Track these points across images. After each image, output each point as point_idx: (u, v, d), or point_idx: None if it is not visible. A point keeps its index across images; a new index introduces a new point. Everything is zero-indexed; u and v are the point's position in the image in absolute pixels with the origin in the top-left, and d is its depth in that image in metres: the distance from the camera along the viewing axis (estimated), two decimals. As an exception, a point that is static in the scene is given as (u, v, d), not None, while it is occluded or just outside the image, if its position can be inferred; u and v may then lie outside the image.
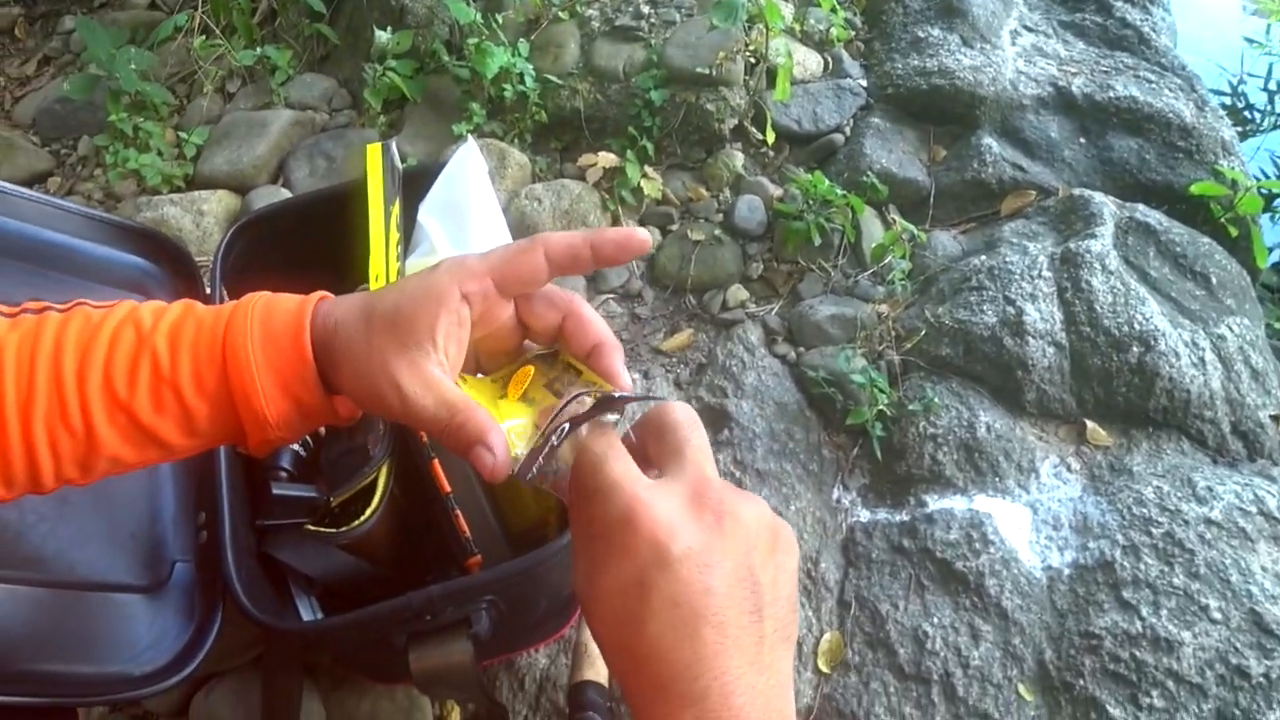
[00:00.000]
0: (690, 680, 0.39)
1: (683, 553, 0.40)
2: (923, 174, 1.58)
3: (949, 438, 1.21)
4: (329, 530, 0.89)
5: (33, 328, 0.52)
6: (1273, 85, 2.39)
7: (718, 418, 1.27)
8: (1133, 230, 1.42)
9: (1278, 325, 1.56)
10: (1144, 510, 1.13)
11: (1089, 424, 1.25)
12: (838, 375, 1.27)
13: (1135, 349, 1.24)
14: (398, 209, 1.00)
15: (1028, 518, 1.16)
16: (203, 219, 1.53)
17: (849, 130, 1.65)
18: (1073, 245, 1.35)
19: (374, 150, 1.01)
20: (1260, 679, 0.99)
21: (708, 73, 1.53)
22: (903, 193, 1.55)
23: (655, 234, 1.53)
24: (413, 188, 1.03)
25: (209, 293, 1.03)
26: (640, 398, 0.49)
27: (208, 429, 0.53)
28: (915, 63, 1.67)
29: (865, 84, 1.71)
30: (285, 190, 1.61)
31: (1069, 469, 1.21)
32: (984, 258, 1.39)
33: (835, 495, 1.22)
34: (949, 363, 1.30)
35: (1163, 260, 1.40)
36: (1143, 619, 1.04)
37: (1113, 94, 1.61)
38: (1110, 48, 1.76)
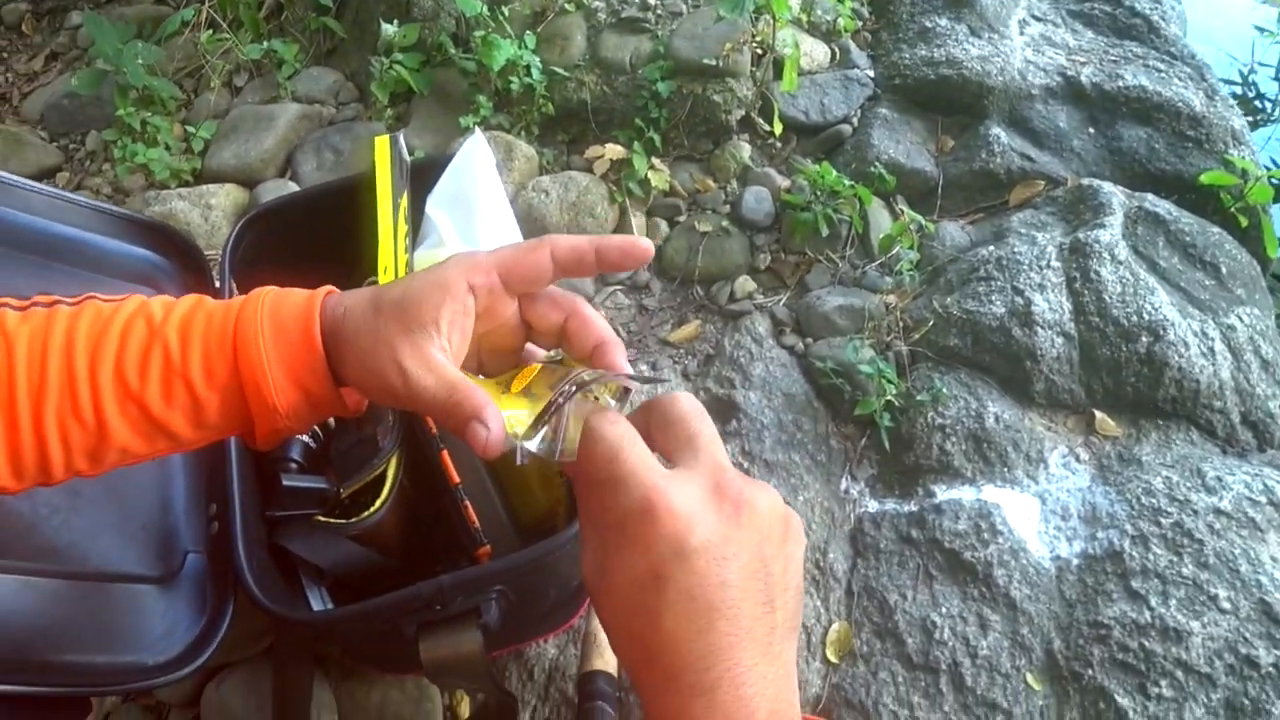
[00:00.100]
0: (702, 671, 0.39)
1: (700, 545, 0.40)
2: (930, 164, 1.57)
3: (957, 428, 1.21)
4: (339, 521, 0.90)
5: (43, 321, 0.53)
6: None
7: (726, 408, 1.27)
8: (1142, 220, 1.41)
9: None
10: (1153, 500, 1.13)
11: (1098, 414, 1.25)
12: (846, 366, 1.27)
13: (1144, 339, 1.24)
14: (406, 201, 1.01)
15: (1036, 508, 1.16)
16: (211, 213, 1.54)
17: (856, 121, 1.64)
18: (1081, 235, 1.35)
19: (382, 142, 1.01)
20: (1269, 669, 0.98)
21: (714, 64, 1.53)
22: (910, 183, 1.55)
23: (662, 225, 1.54)
24: (420, 180, 1.03)
25: (218, 286, 1.03)
26: (648, 379, 0.49)
27: (217, 420, 0.53)
28: (923, 53, 1.67)
29: (873, 74, 1.70)
30: (293, 184, 1.61)
31: (1078, 459, 1.21)
32: (992, 248, 1.39)
33: (843, 486, 1.22)
34: (957, 353, 1.29)
35: (1172, 250, 1.39)
36: (1151, 609, 1.04)
37: (1122, 83, 1.60)
38: (1119, 37, 1.75)
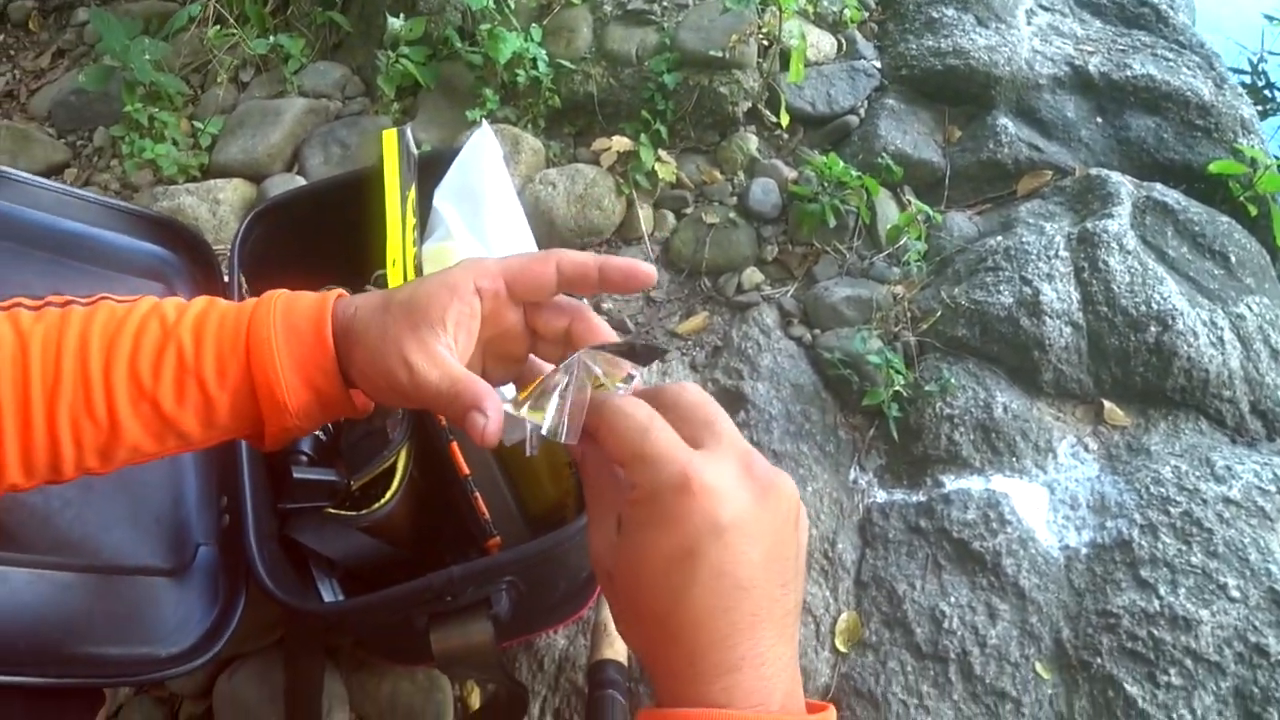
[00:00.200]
0: (726, 650, 0.40)
1: (732, 522, 0.40)
2: (938, 155, 1.57)
3: (966, 418, 1.21)
4: (349, 513, 0.90)
5: (58, 321, 0.53)
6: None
7: (734, 400, 1.27)
8: (1150, 209, 1.41)
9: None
10: (1162, 490, 1.13)
11: (1106, 404, 1.25)
12: (854, 357, 1.27)
13: (1153, 328, 1.23)
14: (414, 194, 1.01)
15: (1045, 497, 1.16)
16: (219, 207, 1.54)
17: (863, 112, 1.64)
18: (1090, 225, 1.34)
19: (390, 135, 1.01)
20: (1279, 657, 0.98)
21: (721, 55, 1.53)
22: (918, 174, 1.54)
23: (669, 217, 1.53)
24: (428, 173, 1.03)
25: (226, 280, 1.04)
26: (653, 345, 0.50)
27: (227, 421, 0.54)
28: (929, 43, 1.66)
29: (879, 65, 1.70)
30: (300, 178, 1.61)
31: (1086, 449, 1.21)
32: (1000, 238, 1.38)
33: (852, 476, 1.23)
34: (965, 343, 1.29)
35: (1181, 239, 1.39)
36: (1160, 598, 1.04)
37: (1130, 72, 1.59)
38: (1127, 26, 1.74)
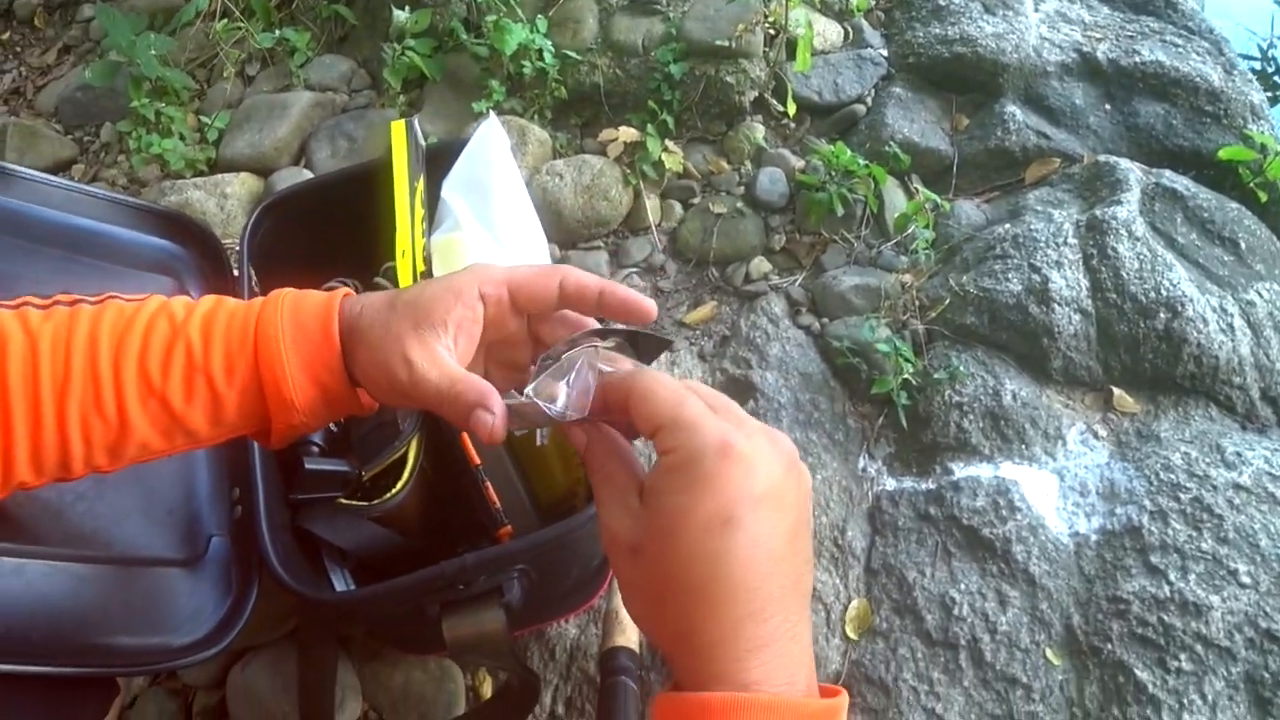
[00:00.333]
0: (760, 622, 0.40)
1: (767, 493, 0.41)
2: (945, 143, 1.56)
3: (975, 406, 1.21)
4: (361, 503, 0.91)
5: (66, 319, 0.54)
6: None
7: (742, 389, 1.27)
8: (1159, 196, 1.40)
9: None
10: (1172, 476, 1.13)
11: (1116, 391, 1.24)
12: (862, 345, 1.27)
13: (1162, 315, 1.23)
14: (422, 185, 1.01)
15: (1054, 484, 1.16)
16: (226, 201, 1.54)
17: (870, 100, 1.63)
18: (1098, 212, 1.34)
19: (398, 127, 1.02)
20: (1291, 642, 0.98)
21: (727, 45, 1.52)
22: (925, 162, 1.54)
23: (676, 207, 1.53)
24: (436, 164, 1.04)
25: (236, 274, 1.04)
26: (661, 343, 0.51)
27: (235, 418, 0.55)
28: (937, 31, 1.65)
29: (886, 53, 1.69)
30: (307, 171, 1.62)
31: (1096, 436, 1.20)
32: (1008, 226, 1.38)
33: (861, 464, 1.23)
34: (974, 331, 1.29)
35: (1190, 226, 1.38)
36: (1171, 583, 1.04)
37: (1138, 59, 1.59)
38: (1136, 12, 1.73)
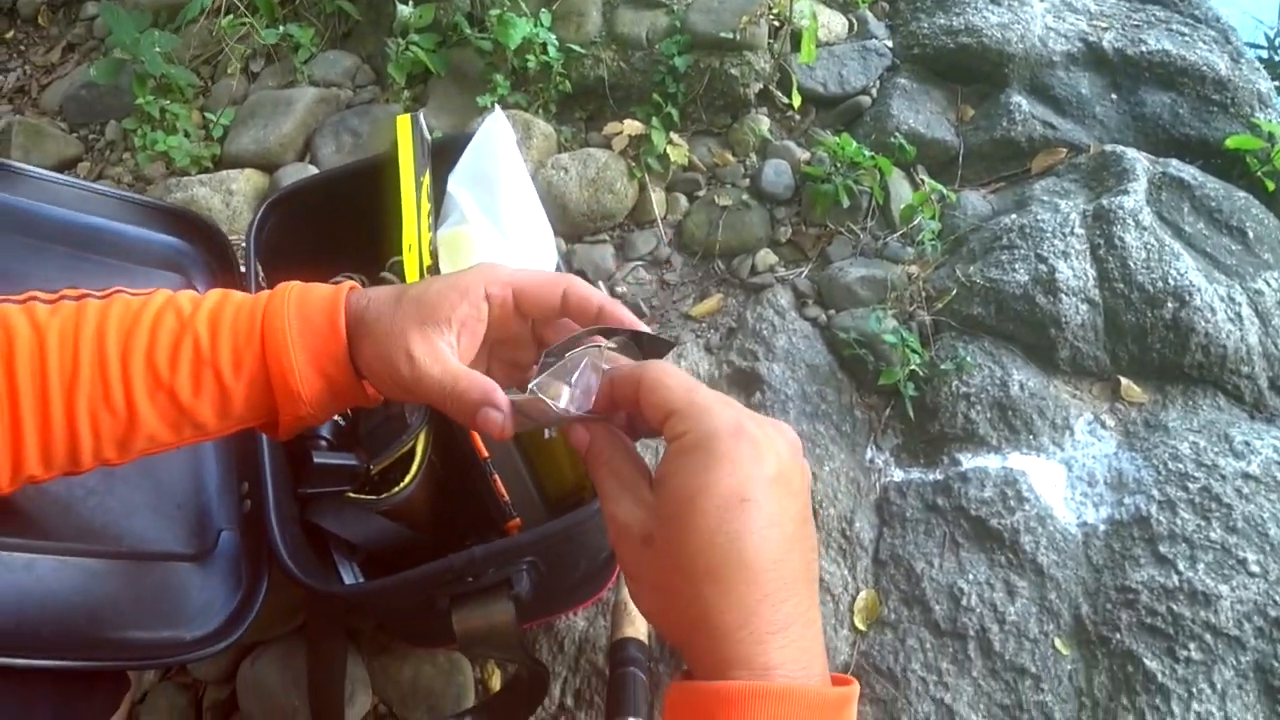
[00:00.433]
0: (778, 605, 0.40)
1: (778, 474, 0.42)
2: (951, 134, 1.56)
3: (982, 396, 1.21)
4: (369, 497, 0.91)
5: (73, 314, 0.55)
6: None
7: (749, 381, 1.27)
8: (1166, 186, 1.40)
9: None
10: (1180, 466, 1.12)
11: (1123, 381, 1.24)
12: (869, 336, 1.27)
13: (1170, 305, 1.23)
14: (428, 179, 1.01)
15: (1062, 475, 1.16)
16: (232, 198, 1.54)
17: (875, 92, 1.63)
18: (1105, 202, 1.33)
19: (403, 122, 1.02)
20: (1300, 631, 0.98)
21: (732, 37, 1.52)
22: (931, 153, 1.54)
23: (682, 200, 1.53)
24: (441, 158, 1.04)
25: (243, 270, 1.04)
26: (665, 344, 0.51)
27: (242, 410, 0.56)
28: (941, 21, 1.65)
29: (891, 45, 1.69)
30: (312, 167, 1.62)
31: (1103, 426, 1.20)
32: (1015, 216, 1.37)
33: (868, 455, 1.23)
34: (981, 322, 1.29)
35: (1197, 215, 1.38)
36: (1179, 573, 1.03)
37: (1145, 48, 1.58)
38: (1141, 1, 1.72)
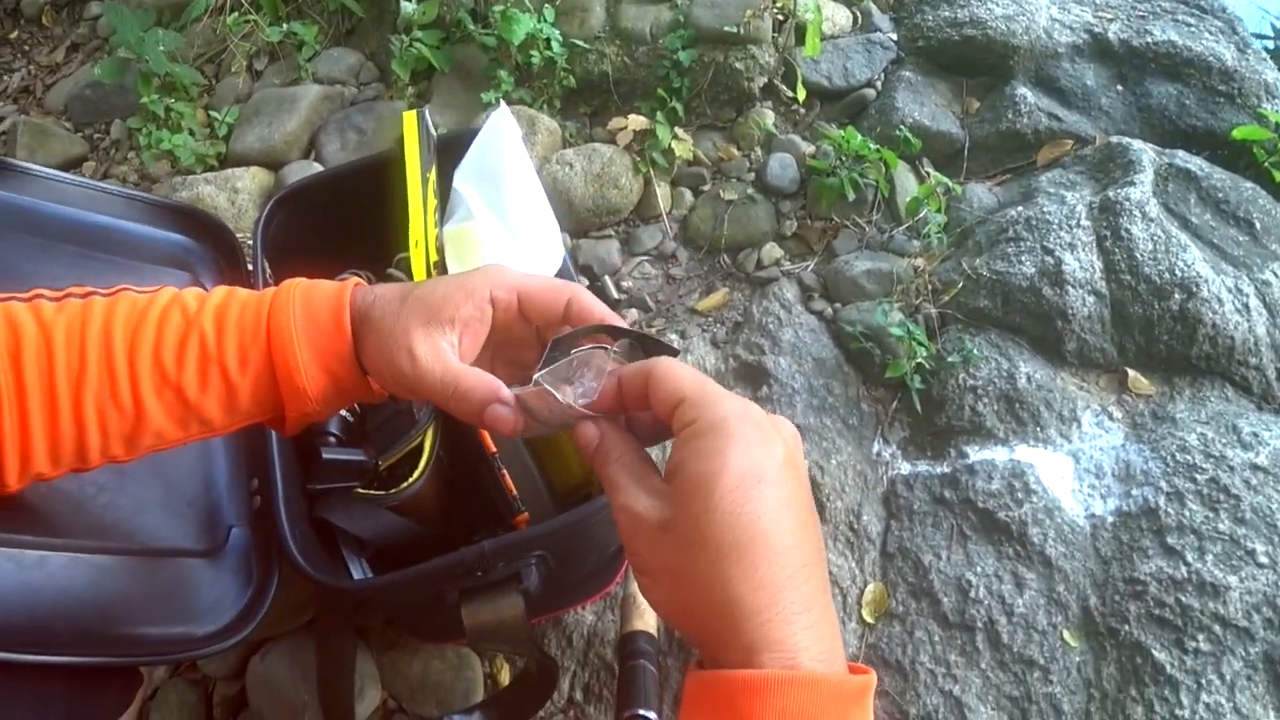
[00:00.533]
0: (801, 584, 0.41)
1: (786, 459, 0.43)
2: (956, 126, 1.56)
3: (989, 389, 1.21)
4: (378, 493, 0.91)
5: (80, 312, 0.55)
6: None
7: (756, 375, 1.27)
8: (1173, 177, 1.40)
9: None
10: (1188, 457, 1.12)
11: (1130, 372, 1.24)
12: (875, 330, 1.27)
13: (1177, 296, 1.23)
14: (434, 175, 1.01)
15: (1070, 467, 1.16)
16: (237, 196, 1.55)
17: (880, 85, 1.63)
18: (1111, 193, 1.33)
19: (409, 118, 1.02)
20: (1310, 621, 0.98)
21: (736, 31, 1.52)
22: (936, 146, 1.53)
23: (687, 195, 1.53)
24: (447, 155, 1.04)
25: (250, 267, 1.05)
26: (669, 349, 0.51)
27: (248, 406, 0.56)
28: (946, 14, 1.65)
29: (895, 37, 1.68)
30: (317, 164, 1.62)
31: (1111, 418, 1.20)
32: (1021, 208, 1.37)
33: (875, 448, 1.22)
34: (987, 314, 1.29)
35: (1204, 206, 1.37)
36: (1188, 564, 1.03)
37: (1150, 39, 1.58)
38: (1147, -9, 1.72)
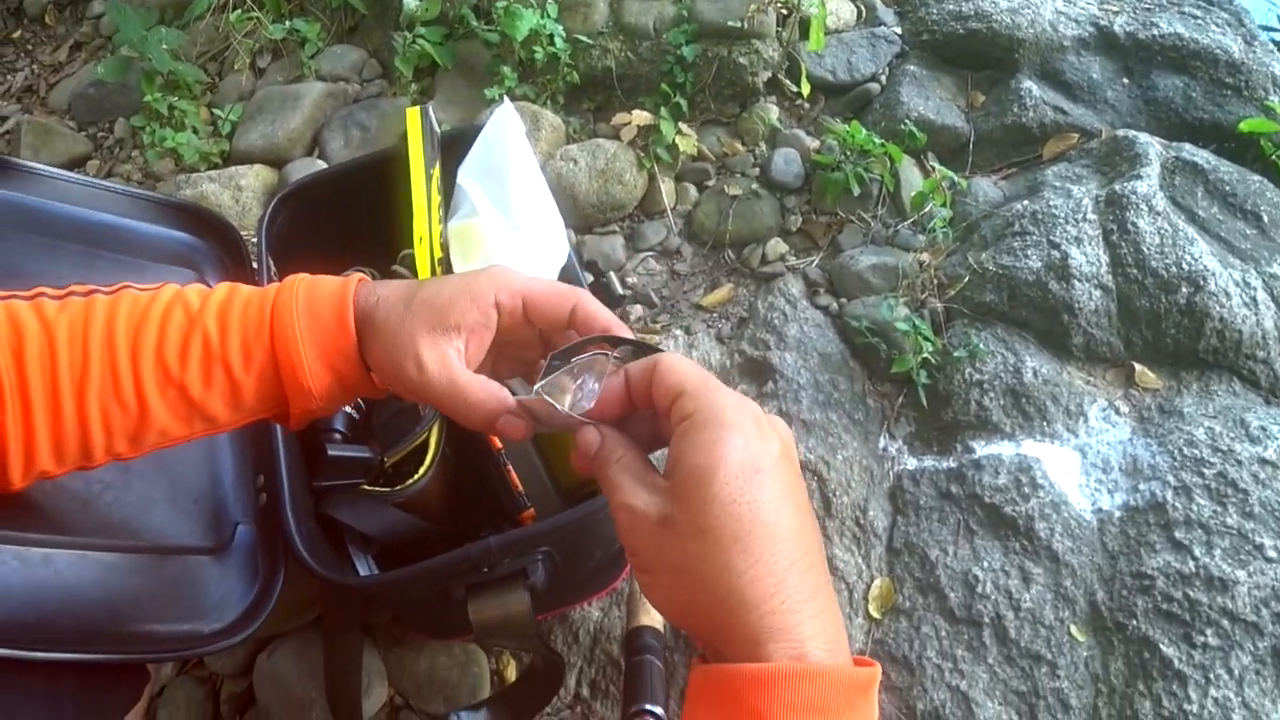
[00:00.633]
0: (805, 570, 0.41)
1: (782, 450, 0.43)
2: (961, 120, 1.55)
3: (995, 383, 1.20)
4: (384, 489, 0.91)
5: (82, 310, 0.55)
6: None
7: (761, 370, 1.27)
8: (1179, 170, 1.39)
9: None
10: (1195, 451, 1.12)
11: (1137, 367, 1.24)
12: (881, 325, 1.26)
13: (1184, 290, 1.22)
14: (438, 172, 1.01)
15: (1077, 461, 1.15)
16: (241, 194, 1.54)
17: (885, 79, 1.62)
18: (1118, 187, 1.33)
19: (413, 114, 1.02)
20: (1319, 616, 0.98)
21: (739, 26, 1.51)
22: (941, 140, 1.53)
23: (691, 190, 1.53)
24: (451, 151, 1.04)
25: (255, 265, 1.05)
26: (652, 346, 0.51)
27: (253, 403, 0.56)
28: (950, 7, 1.64)
29: (900, 31, 1.68)
30: (321, 162, 1.62)
31: (1118, 412, 1.20)
32: (1026, 202, 1.37)
33: (881, 444, 1.22)
34: (993, 309, 1.28)
35: (1211, 199, 1.37)
36: (1196, 559, 1.03)
37: (1156, 31, 1.57)
38: (1153, -17, 1.71)
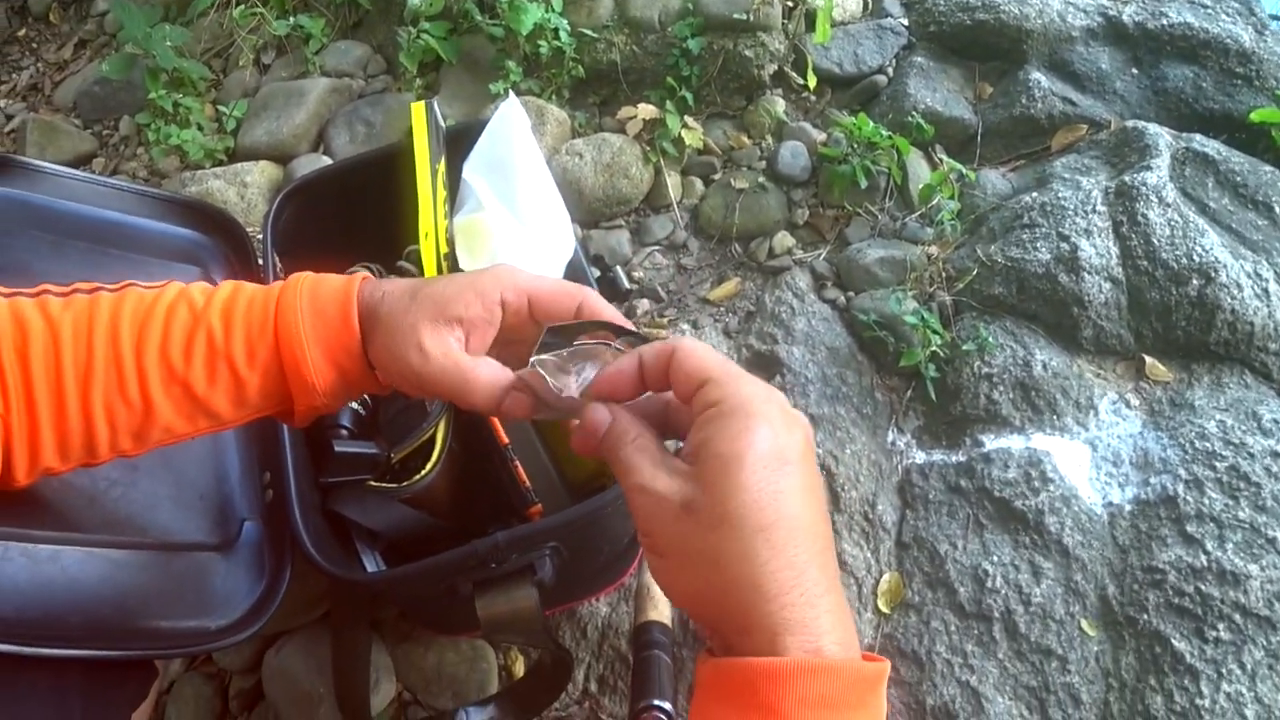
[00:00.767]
0: (824, 564, 0.41)
1: (805, 442, 0.43)
2: (969, 112, 1.54)
3: (1004, 377, 1.20)
4: (391, 485, 0.91)
5: (86, 307, 0.55)
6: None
7: (769, 364, 1.26)
8: (1190, 161, 1.38)
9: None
10: (1207, 444, 1.11)
11: (1148, 359, 1.23)
12: (889, 318, 1.26)
13: (1195, 282, 1.21)
14: (443, 167, 1.01)
15: (1087, 455, 1.14)
16: (246, 190, 1.54)
17: (892, 71, 1.62)
18: (1127, 178, 1.32)
19: (418, 109, 1.01)
20: (1332, 610, 0.97)
21: (745, 18, 1.51)
22: (949, 132, 1.52)
23: (698, 184, 1.52)
24: (456, 146, 1.04)
25: (260, 261, 1.05)
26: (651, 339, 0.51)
27: (257, 400, 0.56)
28: (958, -2, 1.63)
29: (906, 23, 1.67)
30: (326, 158, 1.62)
31: (1128, 405, 1.19)
32: (1035, 194, 1.36)
33: (890, 438, 1.22)
34: (1002, 302, 1.27)
35: (1222, 191, 1.36)
36: (1207, 553, 1.02)
37: (1166, 21, 1.56)
38: (1162, -28, 1.70)
